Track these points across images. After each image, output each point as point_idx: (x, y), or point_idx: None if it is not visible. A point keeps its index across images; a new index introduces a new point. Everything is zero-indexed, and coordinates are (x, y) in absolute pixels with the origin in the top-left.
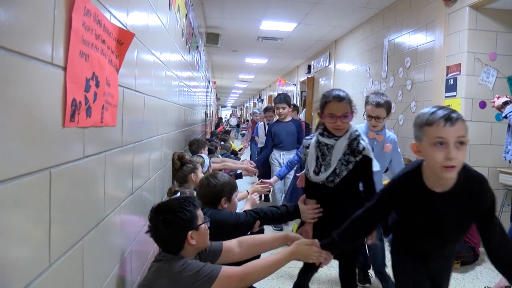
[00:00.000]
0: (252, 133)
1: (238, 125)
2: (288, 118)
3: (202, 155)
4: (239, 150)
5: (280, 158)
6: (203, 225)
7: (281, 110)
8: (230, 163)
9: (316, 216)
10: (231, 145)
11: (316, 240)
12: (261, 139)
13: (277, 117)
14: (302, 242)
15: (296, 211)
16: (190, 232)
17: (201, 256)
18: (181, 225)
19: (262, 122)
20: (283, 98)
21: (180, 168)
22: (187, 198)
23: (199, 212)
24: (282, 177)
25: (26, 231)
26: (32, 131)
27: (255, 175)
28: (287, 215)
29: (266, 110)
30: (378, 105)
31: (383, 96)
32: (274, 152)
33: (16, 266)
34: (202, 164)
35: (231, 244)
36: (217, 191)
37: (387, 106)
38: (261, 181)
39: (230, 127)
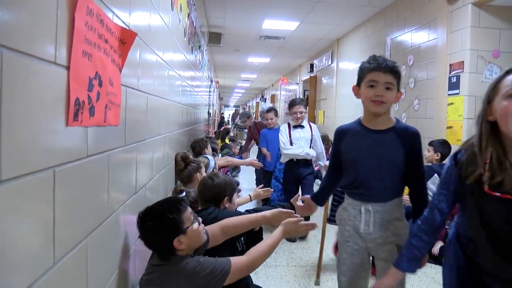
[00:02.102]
0: (252, 141)
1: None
2: (389, 123)
3: (207, 155)
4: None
5: (361, 219)
6: (190, 227)
7: (386, 99)
8: (235, 160)
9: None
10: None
11: (302, 218)
12: (286, 151)
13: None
14: (289, 221)
15: (291, 209)
16: (176, 238)
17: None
18: (166, 232)
19: (287, 124)
20: (391, 68)
21: (185, 168)
22: (171, 203)
23: (186, 214)
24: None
25: (30, 230)
26: (36, 130)
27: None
28: None
29: (292, 104)
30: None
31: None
32: (346, 202)
33: (20, 265)
34: (207, 166)
35: (215, 230)
36: (220, 191)
37: None
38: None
39: (239, 129)
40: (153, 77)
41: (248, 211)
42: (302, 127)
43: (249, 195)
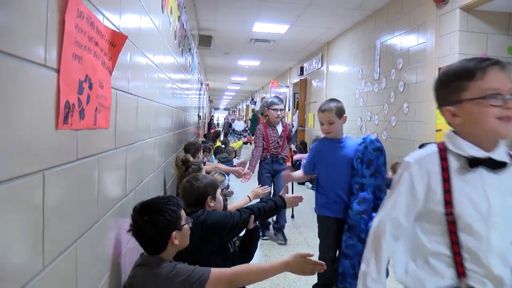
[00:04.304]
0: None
1: (246, 130)
2: None
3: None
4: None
5: None
6: (185, 226)
7: None
8: (222, 165)
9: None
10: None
11: (312, 254)
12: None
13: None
14: (298, 254)
15: (283, 201)
16: (174, 233)
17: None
18: (166, 226)
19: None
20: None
21: (186, 171)
22: (171, 198)
23: (182, 212)
24: None
25: (19, 234)
26: (26, 133)
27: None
28: (276, 207)
29: None
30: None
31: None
32: None
33: (8, 269)
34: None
35: (224, 277)
36: (201, 193)
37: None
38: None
39: (237, 134)
40: (144, 79)
41: (240, 211)
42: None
43: (248, 196)
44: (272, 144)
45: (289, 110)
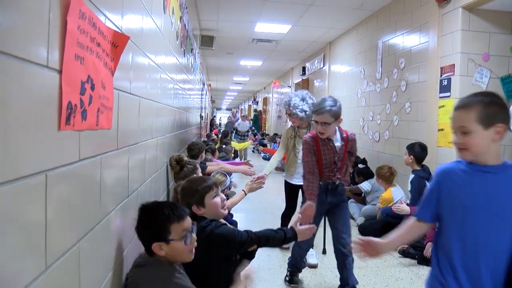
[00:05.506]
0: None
1: (252, 131)
2: None
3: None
4: None
5: None
6: (176, 242)
7: None
8: (228, 165)
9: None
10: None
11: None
12: None
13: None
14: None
15: (293, 233)
16: (157, 243)
17: None
18: (148, 233)
19: None
20: None
21: (181, 171)
22: (168, 208)
23: (177, 226)
24: None
25: (22, 234)
26: (28, 134)
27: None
28: (285, 239)
29: None
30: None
31: None
32: None
33: (11, 270)
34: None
35: None
36: (186, 204)
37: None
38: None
39: (240, 136)
40: (145, 80)
41: (248, 233)
42: None
43: (243, 190)
44: (327, 165)
45: None
